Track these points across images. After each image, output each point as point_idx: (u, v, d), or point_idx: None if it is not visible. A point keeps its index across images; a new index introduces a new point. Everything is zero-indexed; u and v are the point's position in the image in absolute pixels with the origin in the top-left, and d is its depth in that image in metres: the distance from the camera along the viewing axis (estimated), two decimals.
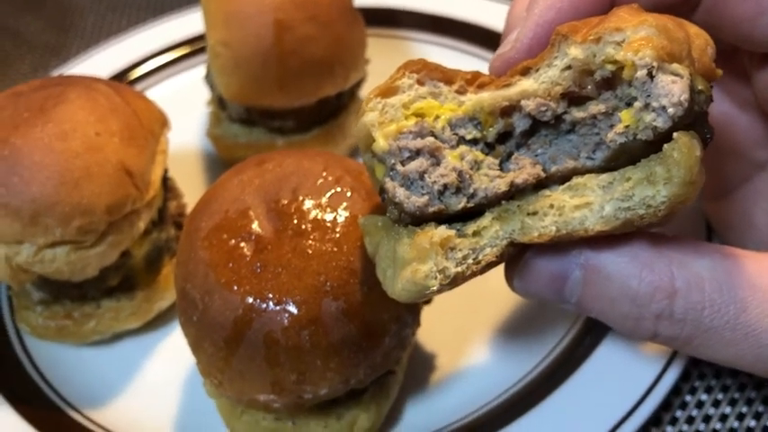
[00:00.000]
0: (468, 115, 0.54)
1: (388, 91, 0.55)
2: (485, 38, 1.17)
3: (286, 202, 0.72)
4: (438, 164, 0.53)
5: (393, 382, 0.78)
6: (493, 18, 1.19)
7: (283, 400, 0.70)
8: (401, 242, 0.54)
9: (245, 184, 0.74)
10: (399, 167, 0.53)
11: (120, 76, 1.19)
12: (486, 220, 0.54)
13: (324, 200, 0.72)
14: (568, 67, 0.52)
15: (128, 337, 0.91)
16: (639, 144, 0.50)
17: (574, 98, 0.53)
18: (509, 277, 0.60)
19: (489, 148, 0.55)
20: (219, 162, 1.09)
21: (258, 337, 0.67)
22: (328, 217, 0.71)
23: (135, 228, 0.83)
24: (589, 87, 0.52)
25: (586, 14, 0.57)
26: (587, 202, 0.52)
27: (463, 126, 0.54)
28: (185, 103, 1.13)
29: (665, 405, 0.78)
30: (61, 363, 0.88)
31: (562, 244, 0.55)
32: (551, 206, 0.53)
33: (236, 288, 0.67)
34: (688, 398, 0.80)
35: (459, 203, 0.53)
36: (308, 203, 0.72)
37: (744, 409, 0.78)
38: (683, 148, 0.48)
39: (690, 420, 0.78)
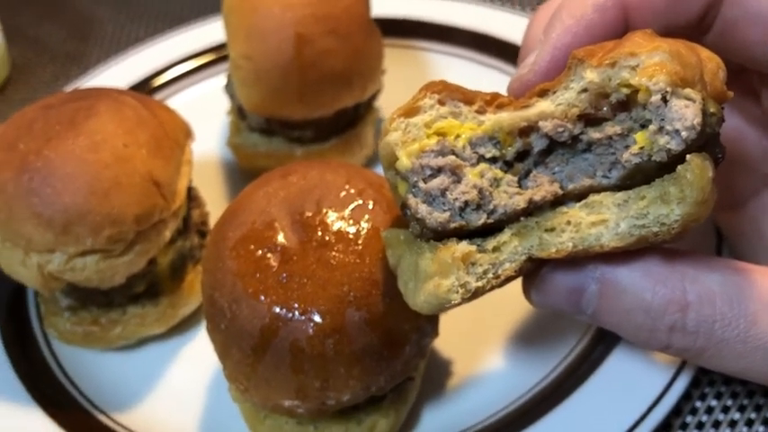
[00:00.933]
0: (487, 134, 0.56)
1: (410, 111, 0.57)
2: (500, 49, 1.19)
3: (310, 214, 0.74)
4: (459, 181, 0.55)
5: (411, 388, 0.80)
6: (508, 29, 1.21)
7: (307, 405, 0.72)
8: (423, 256, 0.56)
9: (270, 196, 0.76)
10: (422, 185, 0.55)
11: (141, 85, 1.21)
12: (505, 235, 0.56)
13: (347, 212, 0.74)
14: (584, 90, 0.54)
15: (152, 343, 0.93)
16: (654, 164, 0.52)
17: (590, 119, 0.55)
18: (527, 291, 0.62)
19: (508, 166, 0.57)
20: (239, 170, 1.11)
21: (284, 346, 0.69)
22: (351, 229, 0.73)
23: (161, 236, 0.85)
24: (605, 109, 0.55)
25: (601, 39, 0.59)
26: (603, 219, 0.53)
27: (483, 145, 0.56)
28: (205, 112, 1.15)
29: (676, 411, 0.80)
30: (88, 367, 0.90)
31: (578, 259, 0.56)
32: (568, 223, 0.55)
33: (263, 298, 0.69)
34: (698, 404, 0.81)
35: (480, 219, 0.55)
36: (332, 216, 0.74)
37: (753, 415, 0.80)
38: (696, 169, 0.50)
39: (700, 426, 0.80)
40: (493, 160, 0.56)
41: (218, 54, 1.25)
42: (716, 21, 0.63)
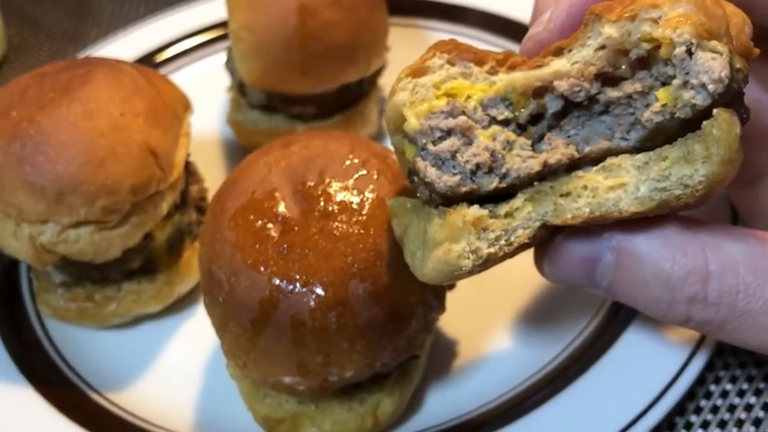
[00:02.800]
0: (499, 95, 0.54)
1: (418, 71, 0.54)
2: (506, 28, 1.17)
3: (313, 183, 0.71)
4: (470, 143, 0.53)
5: (416, 367, 0.78)
6: (514, 8, 1.18)
7: (308, 382, 0.69)
8: (432, 222, 0.53)
9: (271, 166, 0.74)
10: (431, 147, 0.53)
11: (141, 62, 1.18)
12: (518, 201, 0.53)
13: (350, 182, 0.72)
14: (602, 47, 0.52)
15: (148, 321, 0.90)
16: (676, 123, 0.50)
17: (608, 78, 0.53)
18: (539, 261, 0.60)
19: (521, 128, 0.54)
20: (240, 148, 1.08)
21: (285, 319, 0.66)
22: (355, 199, 0.70)
23: (158, 209, 0.83)
24: (623, 67, 0.52)
25: None
26: (622, 183, 0.51)
27: (495, 106, 0.54)
28: (205, 90, 1.13)
29: (690, 394, 0.77)
30: (82, 345, 0.88)
31: (593, 227, 0.54)
32: (585, 187, 0.52)
33: (262, 269, 0.67)
34: (713, 387, 0.79)
35: (492, 183, 0.53)
36: (335, 185, 0.71)
37: None
38: (723, 124, 0.47)
39: (714, 410, 0.77)
40: (505, 123, 0.54)
41: (219, 32, 1.23)
42: None
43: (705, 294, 0.52)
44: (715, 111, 0.48)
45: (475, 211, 0.53)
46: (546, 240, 0.57)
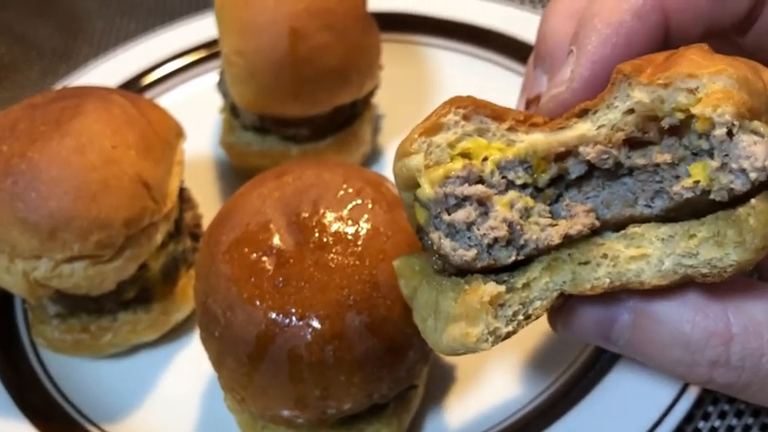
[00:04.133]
0: (518, 158, 0.50)
1: (432, 128, 0.51)
2: (500, 44, 1.16)
3: (307, 215, 0.71)
4: (487, 213, 0.50)
5: (414, 396, 0.77)
6: (508, 24, 1.18)
7: (307, 415, 0.69)
8: (445, 295, 0.51)
9: (264, 197, 0.73)
10: (445, 216, 0.50)
11: (132, 83, 1.17)
12: (535, 270, 0.50)
13: (345, 212, 0.71)
14: (631, 111, 0.49)
15: (144, 350, 0.90)
16: (708, 200, 0.47)
17: (635, 141, 0.50)
18: (552, 321, 0.58)
19: (537, 191, 0.52)
20: (232, 170, 1.08)
21: (281, 353, 0.66)
22: (350, 230, 0.70)
23: (152, 240, 0.82)
24: (651, 133, 0.49)
25: (642, 48, 0.54)
26: (644, 254, 0.49)
27: (512, 169, 0.50)
28: (197, 110, 1.12)
29: (688, 417, 0.77)
30: (78, 376, 0.87)
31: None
32: (605, 256, 0.49)
33: (258, 303, 0.67)
34: (701, 424, 0.78)
35: (510, 257, 0.49)
36: (330, 216, 0.71)
37: (767, 420, 0.77)
38: (761, 216, 0.45)
39: (722, 415, 0.77)
40: (522, 186, 0.51)
41: (211, 51, 1.22)
42: (758, 20, 0.57)
43: (728, 358, 0.50)
44: (753, 200, 0.46)
45: (492, 287, 0.49)
46: (558, 302, 0.54)
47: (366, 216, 0.71)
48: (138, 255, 0.81)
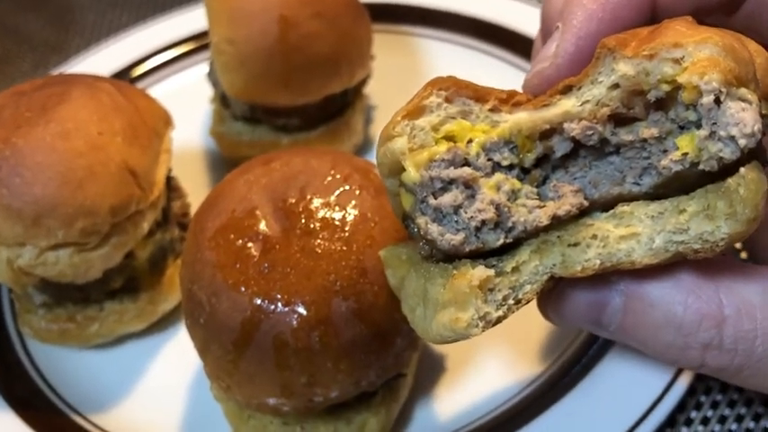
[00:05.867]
0: (503, 139, 0.49)
1: (415, 111, 0.50)
2: (493, 34, 1.15)
3: (294, 201, 0.70)
4: (473, 196, 0.49)
5: (403, 385, 0.77)
6: (501, 13, 1.17)
7: (293, 403, 0.68)
8: (433, 282, 0.50)
9: (251, 184, 0.73)
10: (431, 201, 0.49)
11: (122, 74, 1.17)
12: (524, 254, 0.49)
13: (332, 198, 0.71)
14: (616, 86, 0.48)
15: (131, 340, 0.89)
16: (697, 172, 0.46)
17: (619, 118, 0.49)
18: (542, 307, 0.57)
19: (524, 172, 0.51)
20: (223, 160, 1.07)
21: (267, 339, 0.65)
22: (337, 216, 0.69)
23: (139, 229, 0.81)
24: (636, 108, 0.48)
25: (627, 24, 0.53)
26: (634, 233, 0.48)
27: (498, 151, 0.49)
28: (188, 101, 1.11)
29: (670, 421, 0.76)
30: (64, 366, 0.86)
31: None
32: (594, 236, 0.49)
33: (243, 289, 0.66)
34: (693, 414, 0.77)
35: (498, 240, 0.49)
36: (317, 202, 0.70)
37: (751, 425, 0.76)
38: (751, 185, 0.44)
39: (705, 421, 0.76)
40: (509, 168, 0.50)
41: (201, 42, 1.21)
42: (746, 0, 0.57)
43: (720, 340, 0.49)
44: (743, 169, 0.45)
45: (481, 272, 0.48)
46: (548, 286, 0.53)
47: (353, 202, 0.70)
48: (125, 243, 0.80)
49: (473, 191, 0.49)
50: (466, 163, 0.49)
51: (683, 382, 0.73)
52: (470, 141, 0.50)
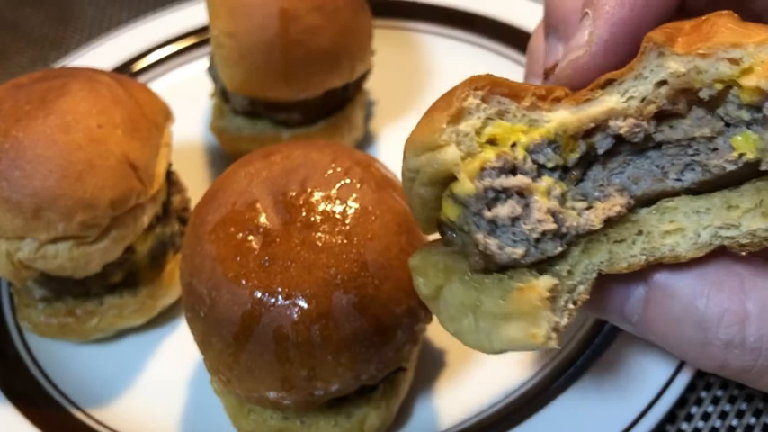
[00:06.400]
0: (547, 139, 0.47)
1: (457, 115, 0.47)
2: (493, 30, 1.15)
3: (294, 194, 0.70)
4: (528, 205, 0.46)
5: (403, 380, 0.76)
6: (502, 9, 1.17)
7: (293, 397, 0.68)
8: (489, 294, 0.47)
9: (252, 177, 0.72)
10: (487, 213, 0.46)
11: (122, 69, 1.16)
12: (575, 255, 0.48)
13: (333, 191, 0.70)
14: (663, 83, 0.47)
15: (131, 335, 0.89)
16: (745, 170, 0.46)
17: (661, 114, 0.48)
18: None
19: (565, 171, 0.49)
20: (223, 156, 1.07)
21: (267, 333, 0.65)
22: (338, 209, 0.69)
23: (139, 223, 0.81)
24: (680, 105, 0.47)
25: (659, 10, 0.51)
26: (679, 228, 0.47)
27: (542, 152, 0.47)
28: (188, 96, 1.11)
29: (671, 417, 0.76)
30: (64, 361, 0.86)
31: None
32: (639, 232, 0.48)
33: (244, 282, 0.66)
34: (694, 409, 0.77)
35: (557, 249, 0.47)
36: (317, 195, 0.70)
37: (752, 421, 0.76)
38: None
39: (705, 417, 0.76)
40: (552, 169, 0.48)
41: (202, 37, 1.21)
42: None
43: (743, 338, 0.47)
44: None
45: (547, 282, 0.46)
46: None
47: (354, 195, 0.70)
48: (124, 236, 0.80)
49: (527, 199, 0.47)
50: (514, 169, 0.47)
51: (684, 377, 0.73)
52: (514, 144, 0.47)
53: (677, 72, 0.46)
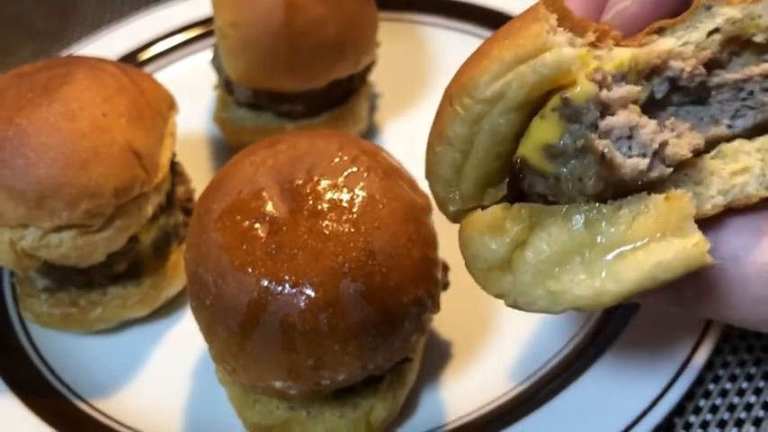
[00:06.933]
0: (621, 71, 0.45)
1: (557, 23, 0.44)
2: (499, 22, 1.14)
3: (301, 182, 0.70)
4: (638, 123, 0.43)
5: (410, 370, 0.76)
6: (508, 2, 1.16)
7: (300, 386, 0.67)
8: (615, 223, 0.43)
9: (257, 165, 0.72)
10: (605, 122, 0.42)
11: (126, 60, 1.15)
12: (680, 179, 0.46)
13: (340, 180, 0.70)
14: (716, 31, 0.47)
15: (134, 326, 0.88)
16: None
17: (709, 63, 0.48)
18: None
19: None
20: (227, 147, 1.06)
21: (274, 321, 0.64)
22: (345, 197, 0.68)
23: (143, 212, 0.80)
24: (724, 54, 0.47)
25: None
26: (745, 167, 0.46)
27: (617, 84, 0.44)
28: (192, 88, 1.10)
29: (689, 394, 0.75)
30: (67, 352, 0.85)
31: None
32: (712, 173, 0.46)
33: (250, 270, 0.65)
34: (711, 386, 0.77)
35: (669, 168, 0.44)
36: (324, 183, 0.69)
37: (751, 430, 0.75)
38: None
39: (714, 409, 0.76)
40: None
41: (206, 28, 1.20)
42: None
43: None
44: None
45: (683, 193, 0.43)
46: None
47: (362, 184, 0.70)
48: (128, 226, 0.79)
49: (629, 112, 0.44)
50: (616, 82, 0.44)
51: (684, 381, 0.72)
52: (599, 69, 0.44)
53: (733, 18, 0.46)
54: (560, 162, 0.44)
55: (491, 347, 0.81)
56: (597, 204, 0.44)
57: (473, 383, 0.78)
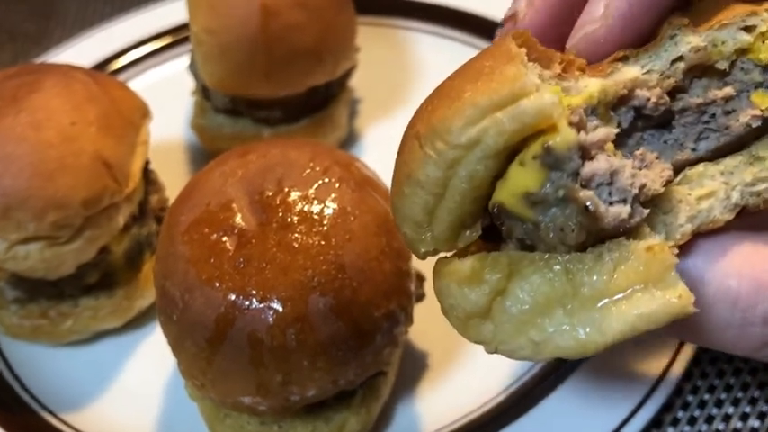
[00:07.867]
0: (591, 106, 0.44)
1: (532, 62, 0.43)
2: (479, 27, 1.13)
3: (271, 193, 0.68)
4: (615, 165, 0.42)
5: (384, 383, 0.75)
6: (487, 5, 1.15)
7: (269, 402, 0.66)
8: (596, 273, 0.42)
9: (227, 176, 0.71)
10: (586, 169, 0.41)
11: (103, 66, 1.14)
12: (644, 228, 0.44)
13: (311, 191, 0.69)
14: (679, 59, 0.46)
15: (107, 337, 0.87)
16: (753, 132, 0.46)
17: (673, 90, 0.47)
18: None
19: None
20: (204, 154, 1.05)
21: (241, 337, 0.63)
22: (315, 209, 0.67)
23: (114, 222, 0.79)
24: (686, 81, 0.47)
25: None
26: (710, 192, 0.45)
27: (590, 120, 0.44)
28: (170, 94, 1.09)
29: (667, 405, 0.75)
30: (37, 364, 0.84)
31: None
32: (680, 201, 0.45)
33: (217, 285, 0.64)
34: (690, 398, 0.76)
35: (645, 210, 0.43)
36: (294, 195, 0.68)
37: (747, 409, 0.75)
38: None
39: (692, 421, 0.75)
40: None
41: (185, 34, 1.18)
42: None
43: None
44: None
45: (659, 240, 0.43)
46: None
47: (333, 195, 0.69)
48: (98, 237, 0.78)
49: (607, 155, 0.43)
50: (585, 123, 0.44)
51: (676, 371, 0.72)
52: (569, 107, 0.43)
53: (697, 47, 0.46)
54: (540, 209, 0.42)
55: (468, 359, 0.80)
56: (578, 253, 0.43)
57: (449, 395, 0.78)
